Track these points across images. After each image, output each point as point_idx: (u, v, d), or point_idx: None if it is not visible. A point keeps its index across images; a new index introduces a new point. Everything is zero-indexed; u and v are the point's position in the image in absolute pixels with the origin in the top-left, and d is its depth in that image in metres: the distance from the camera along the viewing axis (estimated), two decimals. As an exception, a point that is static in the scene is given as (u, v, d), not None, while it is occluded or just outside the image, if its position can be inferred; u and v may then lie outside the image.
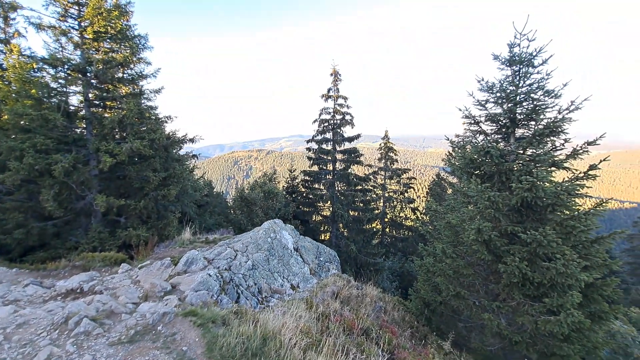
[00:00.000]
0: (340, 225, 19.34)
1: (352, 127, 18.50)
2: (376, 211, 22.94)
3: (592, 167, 5.60)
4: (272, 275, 7.64)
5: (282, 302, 6.51)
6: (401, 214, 24.48)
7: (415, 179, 26.58)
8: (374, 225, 23.10)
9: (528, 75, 7.03)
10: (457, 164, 7.93)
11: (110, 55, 10.07)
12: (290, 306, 5.59)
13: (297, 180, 21.24)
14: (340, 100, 18.22)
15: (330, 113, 18.49)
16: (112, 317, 4.36)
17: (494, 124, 7.75)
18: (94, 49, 9.90)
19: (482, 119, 7.86)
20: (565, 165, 5.92)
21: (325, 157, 19.07)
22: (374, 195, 23.46)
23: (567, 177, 5.85)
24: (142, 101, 10.71)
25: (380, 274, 17.51)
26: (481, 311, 6.17)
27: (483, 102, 7.73)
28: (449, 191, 22.12)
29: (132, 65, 10.51)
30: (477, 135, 8.18)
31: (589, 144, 5.58)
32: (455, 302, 7.05)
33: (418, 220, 22.87)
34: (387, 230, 24.70)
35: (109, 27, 9.80)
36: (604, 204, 5.19)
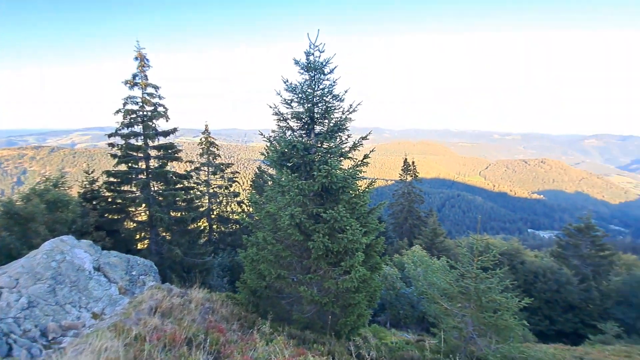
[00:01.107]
0: (161, 229, 17.17)
1: (167, 120, 16.46)
2: (201, 209, 21.71)
3: (366, 156, 7.23)
4: (62, 309, 5.93)
5: (80, 338, 5.15)
6: (228, 209, 24.23)
7: (239, 173, 26.83)
8: (200, 223, 21.85)
9: (321, 81, 8.17)
10: (272, 156, 8.45)
11: None
12: (92, 340, 4.49)
13: (98, 183, 17.19)
14: (150, 89, 15.77)
15: (138, 103, 15.76)
16: None
17: (299, 121, 8.62)
18: None
19: (289, 116, 8.60)
20: (349, 155, 7.36)
21: (135, 153, 16.23)
22: (198, 193, 22.12)
23: (350, 164, 7.30)
24: None
25: (210, 273, 16.78)
26: (298, 285, 6.91)
27: (289, 101, 8.45)
28: (270, 183, 23.60)
29: None
30: (286, 130, 8.93)
31: (363, 138, 7.17)
32: (278, 283, 7.59)
33: (244, 213, 23.25)
34: (215, 226, 23.93)
35: None
36: (373, 184, 6.80)
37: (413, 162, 35.72)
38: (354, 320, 6.61)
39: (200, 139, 23.11)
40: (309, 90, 8.11)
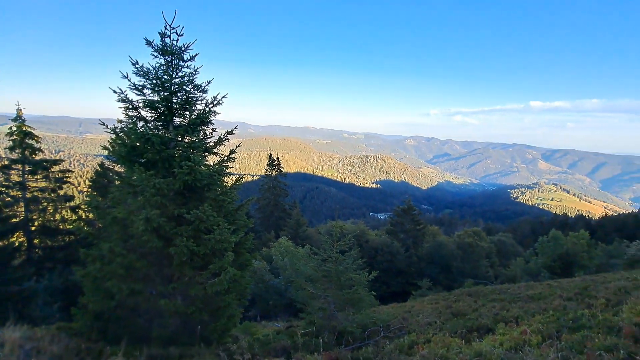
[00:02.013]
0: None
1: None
2: (14, 219, 16.15)
3: (232, 151, 6.86)
4: None
5: None
6: (56, 217, 18.79)
7: (73, 171, 21.22)
8: (13, 239, 16.24)
9: (180, 68, 7.24)
10: (119, 151, 7.01)
11: None
12: None
13: None
14: None
15: None
16: None
17: (154, 111, 7.42)
18: None
19: (141, 104, 7.32)
20: (215, 150, 6.82)
21: None
22: (8, 199, 16.34)
23: (217, 160, 6.79)
24: None
25: (32, 302, 12.71)
26: (158, 299, 5.98)
27: (140, 87, 7.18)
28: (118, 182, 19.53)
29: None
30: (138, 121, 7.55)
31: (229, 133, 6.76)
32: (132, 300, 6.38)
33: (81, 221, 18.61)
34: (37, 241, 18.19)
35: None
36: (240, 180, 6.52)
37: (278, 158, 36.79)
38: (225, 323, 6.21)
39: (10, 128, 16.97)
40: (165, 76, 7.08)
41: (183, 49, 6.98)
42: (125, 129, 7.02)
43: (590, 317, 5.18)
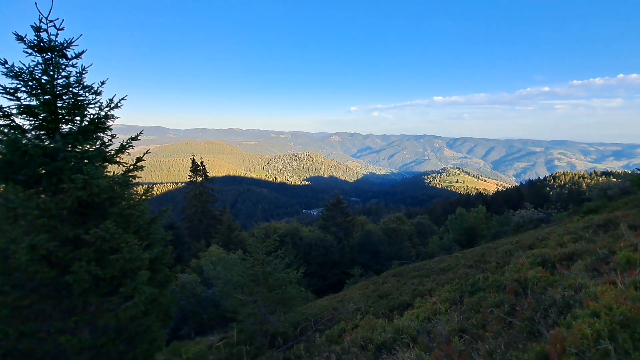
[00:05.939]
0: None
1: None
2: None
3: (138, 159, 6.16)
4: None
5: None
6: None
7: None
8: None
9: (63, 67, 6.26)
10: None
11: None
12: None
13: None
14: None
15: None
16: None
17: (33, 118, 6.29)
18: None
19: (15, 111, 6.14)
20: (117, 159, 6.04)
21: None
22: None
23: (121, 170, 6.04)
24: None
25: None
26: (58, 336, 5.08)
27: (12, 91, 6.02)
28: None
29: None
30: (11, 131, 6.31)
31: (132, 139, 6.05)
32: (25, 344, 5.31)
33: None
34: None
35: None
36: (151, 189, 5.92)
37: (202, 163, 34.64)
38: (147, 349, 5.58)
39: None
40: (45, 77, 6.04)
41: (65, 45, 6.02)
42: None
43: (484, 280, 6.06)
